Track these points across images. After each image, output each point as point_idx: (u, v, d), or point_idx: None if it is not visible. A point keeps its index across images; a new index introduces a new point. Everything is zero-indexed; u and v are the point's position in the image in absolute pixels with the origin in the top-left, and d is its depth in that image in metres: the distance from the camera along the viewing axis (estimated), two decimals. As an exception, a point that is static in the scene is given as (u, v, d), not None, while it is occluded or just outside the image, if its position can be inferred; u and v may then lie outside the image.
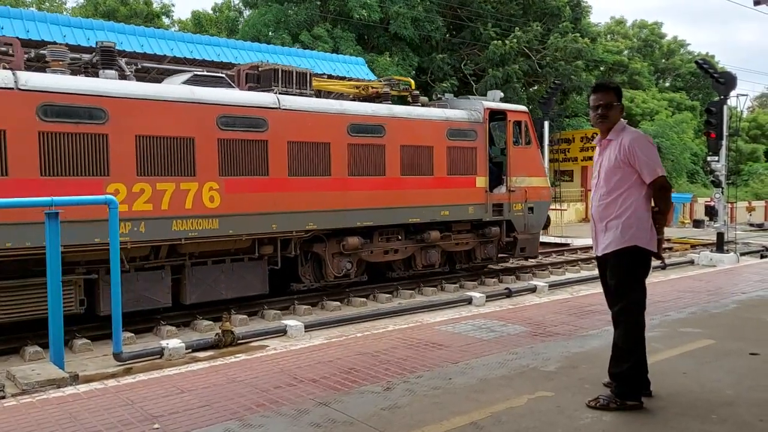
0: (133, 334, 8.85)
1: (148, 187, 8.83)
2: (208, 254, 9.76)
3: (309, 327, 9.15)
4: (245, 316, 9.92)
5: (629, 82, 41.49)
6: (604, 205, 4.41)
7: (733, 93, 15.60)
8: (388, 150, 11.57)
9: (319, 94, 12.06)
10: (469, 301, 11.02)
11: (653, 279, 10.72)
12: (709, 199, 22.59)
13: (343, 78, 15.92)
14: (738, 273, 11.32)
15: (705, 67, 16.15)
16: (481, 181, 12.97)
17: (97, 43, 9.73)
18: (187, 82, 9.82)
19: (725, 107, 15.41)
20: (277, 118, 10.08)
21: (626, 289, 4.29)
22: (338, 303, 11.01)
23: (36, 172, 8.03)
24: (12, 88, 7.92)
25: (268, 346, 7.96)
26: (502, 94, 14.89)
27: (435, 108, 12.99)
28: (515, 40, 28.11)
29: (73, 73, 9.21)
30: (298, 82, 10.91)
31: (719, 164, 15.50)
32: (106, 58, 9.34)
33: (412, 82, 13.96)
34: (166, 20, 35.50)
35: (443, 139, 12.34)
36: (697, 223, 27.32)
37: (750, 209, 30.99)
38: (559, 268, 15.17)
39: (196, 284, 9.65)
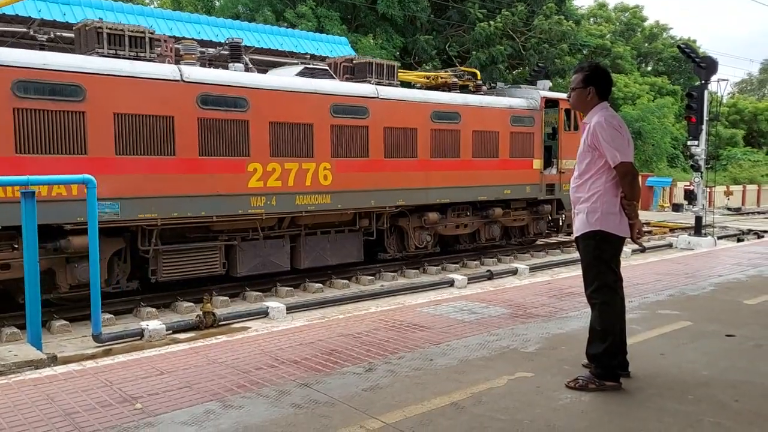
0: (112, 316, 8.78)
1: (279, 167, 10.23)
2: (318, 226, 11.23)
3: (291, 309, 9.15)
4: (226, 298, 9.89)
5: (612, 66, 41.56)
6: (575, 188, 4.44)
7: (714, 78, 15.72)
8: (463, 135, 13.00)
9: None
10: (451, 283, 11.08)
11: (632, 262, 10.86)
12: (688, 183, 22.86)
13: (325, 58, 15.77)
14: (715, 256, 11.49)
15: (687, 51, 16.23)
16: (537, 164, 14.55)
17: (226, 39, 11.26)
18: (300, 74, 11.04)
19: (706, 92, 15.52)
20: (375, 106, 11.47)
21: (595, 272, 4.32)
22: (320, 285, 11.01)
23: (196, 152, 9.36)
24: (178, 80, 9.20)
25: (249, 327, 7.95)
26: (550, 83, 16.20)
27: (501, 97, 14.38)
28: (501, 21, 27.98)
29: (201, 65, 10.32)
30: (387, 73, 12.30)
31: (699, 149, 15.65)
32: (234, 53, 10.70)
33: (478, 73, 15.13)
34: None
35: (507, 125, 13.85)
36: (676, 207, 27.67)
37: (728, 194, 31.43)
38: (540, 251, 15.28)
39: (308, 251, 11.10)
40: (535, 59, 28.66)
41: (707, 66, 15.51)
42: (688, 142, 16.34)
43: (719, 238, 16.81)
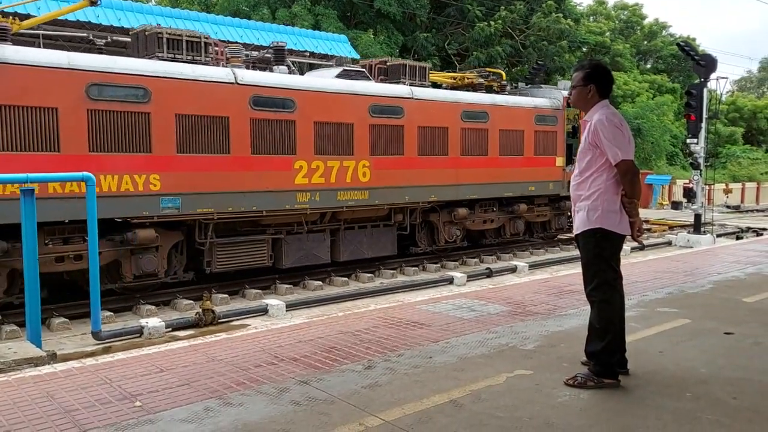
0: (112, 313, 8.78)
1: (322, 164, 10.77)
2: (355, 220, 11.77)
3: (290, 306, 9.14)
4: (226, 295, 9.89)
5: (611, 64, 41.53)
6: (576, 186, 4.44)
7: (713, 76, 15.72)
8: (491, 133, 13.54)
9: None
10: (450, 280, 11.08)
11: (632, 259, 10.87)
12: (687, 181, 22.86)
13: (325, 55, 15.77)
14: (714, 254, 11.50)
15: (686, 49, 16.21)
16: (560, 161, 15.10)
17: (271, 43, 11.96)
18: (339, 75, 11.59)
19: (705, 90, 15.51)
20: (410, 106, 12.01)
21: (594, 270, 4.33)
22: (320, 282, 11.01)
23: (248, 150, 9.93)
24: (233, 83, 9.77)
25: (249, 325, 7.94)
26: (568, 83, 16.21)
27: (526, 97, 14.95)
28: (500, 21, 27.93)
29: (246, 67, 10.81)
30: (419, 74, 12.86)
31: (698, 146, 15.65)
32: (277, 56, 11.32)
33: (503, 73, 15.58)
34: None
35: (532, 123, 14.43)
36: (676, 205, 27.64)
37: (727, 191, 31.43)
38: (539, 248, 15.29)
39: (347, 245, 11.64)
40: (534, 57, 28.64)
41: (706, 64, 15.50)
42: (688, 140, 16.33)
43: (718, 236, 16.82)
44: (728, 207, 28.86)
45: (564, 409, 3.95)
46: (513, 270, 12.36)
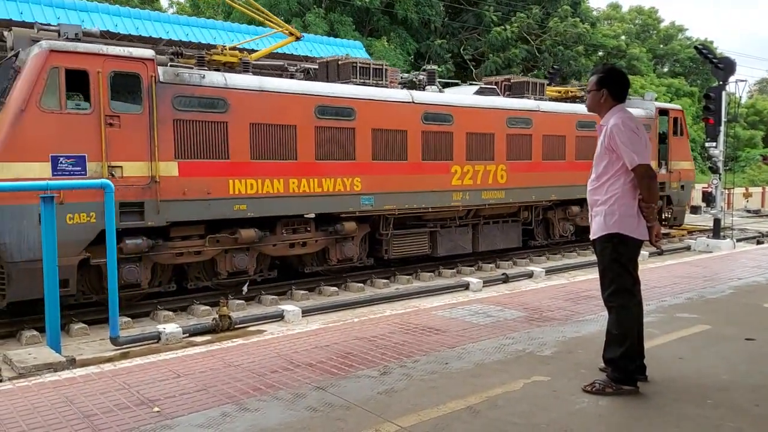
0: (130, 319, 8.84)
1: (471, 168, 12.73)
2: (490, 216, 13.64)
3: (306, 312, 9.16)
4: (242, 301, 9.92)
5: (628, 68, 41.24)
6: (592, 191, 4.42)
7: (732, 79, 15.54)
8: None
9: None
10: (466, 286, 11.04)
11: (650, 264, 10.75)
12: (706, 185, 22.58)
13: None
14: (734, 259, 11.34)
15: (704, 52, 16.06)
16: (653, 164, 16.78)
17: (423, 68, 13.92)
18: (477, 92, 13.64)
19: (724, 93, 15.35)
20: (537, 118, 13.84)
21: (612, 275, 4.29)
22: (335, 288, 11.02)
23: (419, 157, 11.90)
24: (410, 102, 11.87)
25: (265, 330, 7.97)
26: (656, 95, 18.92)
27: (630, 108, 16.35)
28: (516, 25, 27.88)
29: (402, 87, 12.67)
30: (539, 89, 14.62)
31: (717, 150, 15.48)
32: (430, 78, 13.22)
33: None
34: (164, 3, 35.16)
35: None
36: (694, 209, 27.26)
37: (747, 195, 30.99)
38: (556, 253, 15.19)
39: (484, 237, 13.51)
40: (549, 61, 28.55)
41: (725, 67, 15.34)
42: (706, 144, 16.20)
43: (738, 240, 16.59)
44: (748, 211, 28.45)
45: (582, 416, 3.91)
46: (529, 275, 12.28)
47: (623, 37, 44.20)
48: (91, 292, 8.97)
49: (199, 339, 7.90)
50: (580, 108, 14.80)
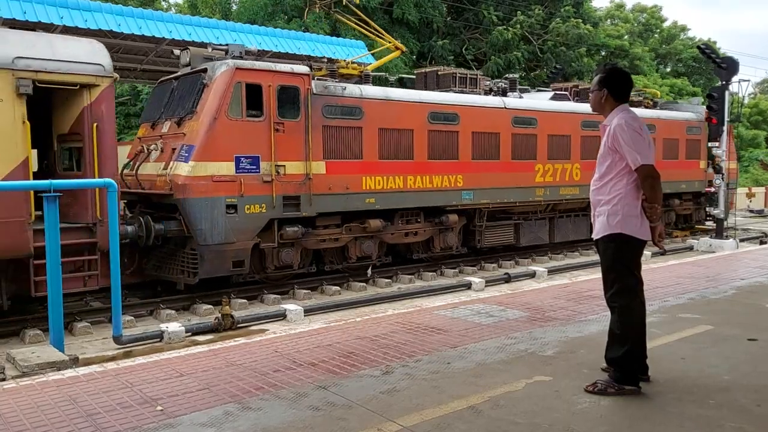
0: (132, 318, 8.87)
1: (551, 167, 14.23)
2: (564, 211, 14.98)
3: (308, 311, 9.17)
4: (245, 301, 9.95)
5: (630, 67, 41.13)
6: (596, 190, 4.42)
7: (735, 78, 15.53)
8: (657, 142, 15.81)
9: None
10: (468, 286, 11.04)
11: (652, 265, 10.73)
12: (709, 185, 22.53)
13: (337, 62, 15.90)
14: (737, 259, 11.32)
15: (707, 52, 16.04)
16: (702, 164, 18.19)
17: (506, 77, 15.33)
18: (552, 98, 15.18)
19: (727, 93, 15.33)
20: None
21: (615, 275, 4.29)
22: (338, 288, 11.03)
23: (509, 157, 13.40)
24: (502, 107, 13.42)
25: (267, 330, 7.98)
26: (701, 99, 19.75)
27: (678, 111, 18.22)
28: (518, 26, 27.82)
29: (485, 93, 14.03)
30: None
31: (720, 150, 15.45)
32: (512, 85, 14.76)
33: (658, 92, 19.29)
34: (164, 3, 35.14)
35: (684, 133, 17.63)
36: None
37: (750, 195, 30.94)
38: (559, 253, 15.18)
39: (559, 230, 14.89)
40: (552, 62, 28.50)
41: (728, 67, 15.32)
42: (709, 144, 16.15)
43: (741, 240, 16.56)
44: (751, 211, 28.41)
45: (584, 416, 3.92)
46: (532, 275, 12.28)
47: (626, 37, 44.09)
48: (254, 273, 10.37)
49: (201, 338, 7.92)
50: (645, 113, 16.03)
